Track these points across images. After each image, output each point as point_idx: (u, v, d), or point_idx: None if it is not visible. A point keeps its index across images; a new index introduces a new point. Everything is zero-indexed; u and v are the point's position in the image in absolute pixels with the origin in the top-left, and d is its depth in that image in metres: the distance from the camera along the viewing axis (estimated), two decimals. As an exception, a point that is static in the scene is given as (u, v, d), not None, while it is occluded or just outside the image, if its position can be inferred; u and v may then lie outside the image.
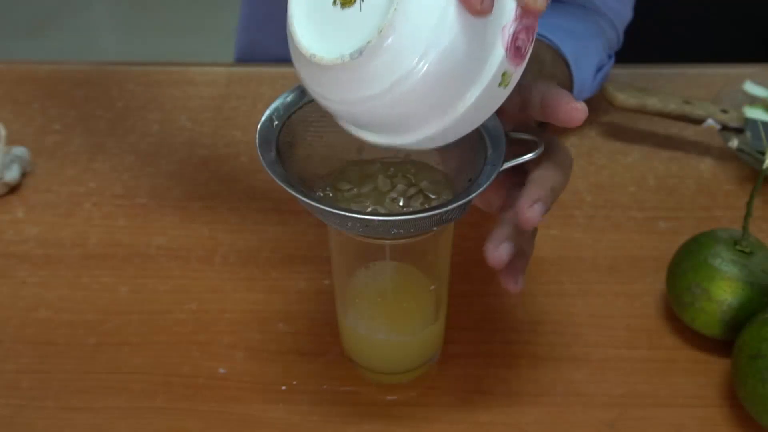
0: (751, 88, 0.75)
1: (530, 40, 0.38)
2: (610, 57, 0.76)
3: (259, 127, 0.45)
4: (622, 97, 0.72)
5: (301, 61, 0.38)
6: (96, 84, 0.82)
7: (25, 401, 0.53)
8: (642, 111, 0.73)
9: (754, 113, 0.72)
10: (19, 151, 0.70)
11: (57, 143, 0.74)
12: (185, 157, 0.73)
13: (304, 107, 0.47)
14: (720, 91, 0.77)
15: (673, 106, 0.72)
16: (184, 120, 0.77)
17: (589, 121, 0.77)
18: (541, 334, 0.57)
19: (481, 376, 0.54)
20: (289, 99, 0.47)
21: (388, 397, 0.53)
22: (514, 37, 0.37)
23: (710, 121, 0.72)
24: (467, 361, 0.55)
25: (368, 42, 0.35)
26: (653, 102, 0.72)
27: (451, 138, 0.40)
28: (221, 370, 0.55)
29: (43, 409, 0.52)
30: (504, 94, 0.38)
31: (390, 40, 0.34)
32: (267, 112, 0.46)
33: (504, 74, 0.37)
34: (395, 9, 0.34)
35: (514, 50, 0.37)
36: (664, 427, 0.52)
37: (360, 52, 0.35)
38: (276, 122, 0.46)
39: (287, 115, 0.47)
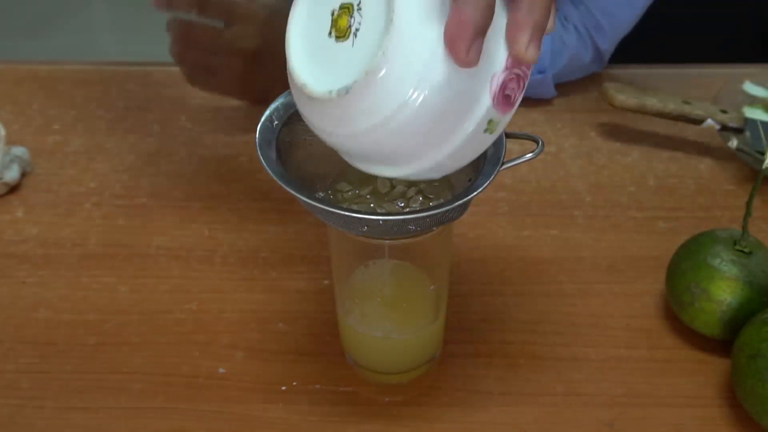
0: (751, 88, 0.75)
1: (521, 88, 0.37)
2: (539, 72, 0.77)
3: (259, 127, 0.45)
4: (622, 98, 0.72)
5: (294, 87, 0.39)
6: (96, 84, 0.82)
7: (25, 401, 0.53)
8: (642, 111, 0.73)
9: (753, 113, 0.72)
10: (19, 151, 0.70)
11: (57, 143, 0.74)
12: (185, 157, 0.73)
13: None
14: (720, 91, 0.77)
15: (672, 106, 0.72)
16: (184, 120, 0.77)
17: (589, 122, 0.77)
18: (540, 334, 0.57)
19: (481, 376, 0.54)
20: (289, 99, 0.47)
21: (388, 397, 0.53)
22: (503, 86, 0.36)
23: (710, 121, 0.72)
24: (467, 361, 0.55)
25: (354, 81, 0.35)
26: (653, 102, 0.72)
27: (435, 175, 0.40)
28: (221, 370, 0.55)
29: (42, 409, 0.52)
30: (490, 139, 0.38)
31: (375, 82, 0.34)
32: (267, 112, 0.46)
33: (490, 122, 0.37)
34: (383, 53, 0.34)
35: (502, 99, 0.36)
36: (663, 426, 0.52)
37: (347, 90, 0.35)
38: (276, 122, 0.46)
39: (287, 115, 0.47)
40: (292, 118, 0.47)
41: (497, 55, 0.36)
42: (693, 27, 0.91)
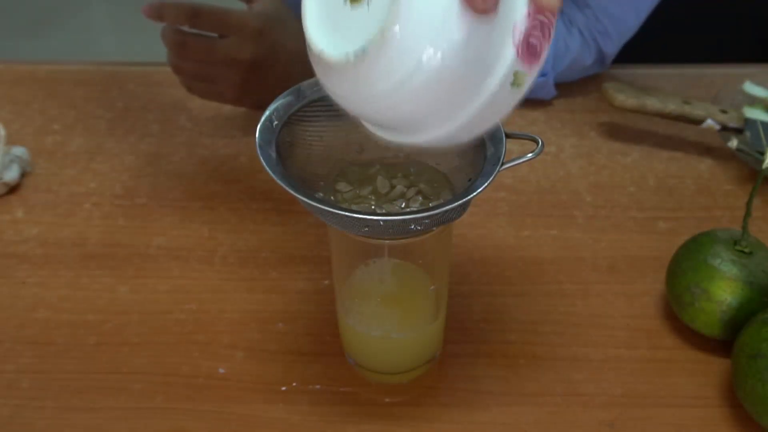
0: (751, 88, 0.75)
1: (547, 37, 0.36)
2: (541, 75, 0.76)
3: (259, 127, 0.45)
4: (622, 98, 0.72)
5: (312, 56, 0.38)
6: (96, 84, 0.82)
7: (25, 401, 0.53)
8: (642, 111, 0.73)
9: (753, 113, 0.72)
10: (19, 151, 0.70)
11: (57, 143, 0.74)
12: (185, 157, 0.73)
13: (304, 107, 0.47)
14: (720, 91, 0.77)
15: (672, 106, 0.72)
16: (184, 120, 0.77)
17: (589, 122, 0.77)
18: (541, 334, 0.57)
19: (481, 376, 0.54)
20: (289, 99, 0.47)
21: (388, 398, 0.53)
22: (526, 36, 0.35)
23: (710, 122, 0.72)
24: (467, 361, 0.55)
25: (370, 42, 0.34)
26: (653, 102, 0.72)
27: (465, 138, 0.39)
28: (221, 370, 0.55)
29: (42, 409, 0.52)
30: (518, 94, 0.37)
31: (392, 40, 0.33)
32: (267, 112, 0.46)
33: (516, 74, 0.36)
34: (398, 9, 0.33)
35: (527, 49, 0.35)
36: (664, 427, 0.52)
37: (364, 51, 0.34)
38: (276, 122, 0.46)
39: (287, 115, 0.47)
40: (292, 118, 0.47)
41: (517, 3, 0.35)
42: (693, 27, 0.91)
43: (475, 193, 0.42)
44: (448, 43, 0.33)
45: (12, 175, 0.68)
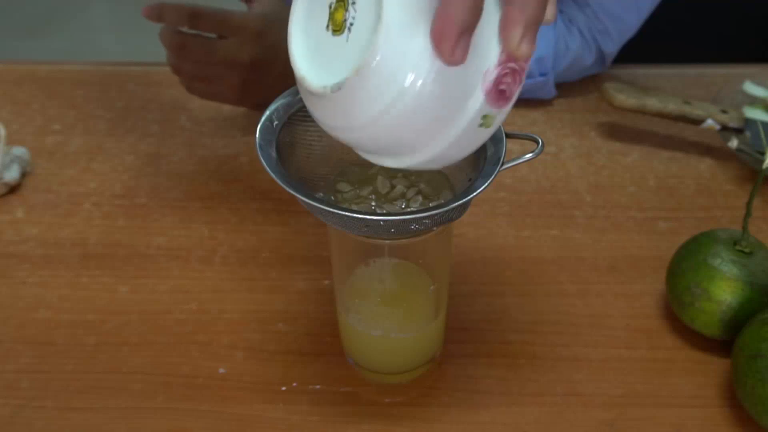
0: (751, 88, 0.75)
1: (517, 81, 0.37)
2: (541, 75, 0.77)
3: (259, 127, 0.45)
4: (622, 98, 0.72)
5: (297, 79, 0.39)
6: (96, 84, 0.82)
7: (25, 401, 0.53)
8: (641, 111, 0.73)
9: (753, 113, 0.72)
10: (19, 151, 0.70)
11: (57, 143, 0.74)
12: (185, 157, 0.73)
13: (304, 107, 0.47)
14: (720, 91, 0.77)
15: (672, 106, 0.72)
16: (184, 120, 0.77)
17: (589, 122, 0.77)
18: (540, 334, 0.57)
19: (481, 376, 0.54)
20: (288, 99, 0.47)
21: (388, 398, 0.53)
22: (497, 82, 0.36)
23: (710, 122, 0.72)
24: (467, 361, 0.55)
25: (346, 79, 0.35)
26: (653, 102, 0.72)
27: (437, 167, 0.40)
28: (221, 370, 0.55)
29: (42, 409, 0.53)
30: (488, 133, 0.38)
31: (366, 80, 0.34)
32: (267, 112, 0.46)
33: (485, 117, 0.37)
34: (372, 51, 0.34)
35: (497, 94, 0.36)
36: (664, 427, 0.52)
37: (339, 87, 0.35)
38: (276, 122, 0.46)
39: (287, 115, 0.47)
40: (292, 118, 0.47)
41: (490, 50, 0.35)
42: (693, 27, 0.91)
43: (475, 193, 0.42)
44: (420, 86, 0.34)
45: (12, 175, 0.68)
